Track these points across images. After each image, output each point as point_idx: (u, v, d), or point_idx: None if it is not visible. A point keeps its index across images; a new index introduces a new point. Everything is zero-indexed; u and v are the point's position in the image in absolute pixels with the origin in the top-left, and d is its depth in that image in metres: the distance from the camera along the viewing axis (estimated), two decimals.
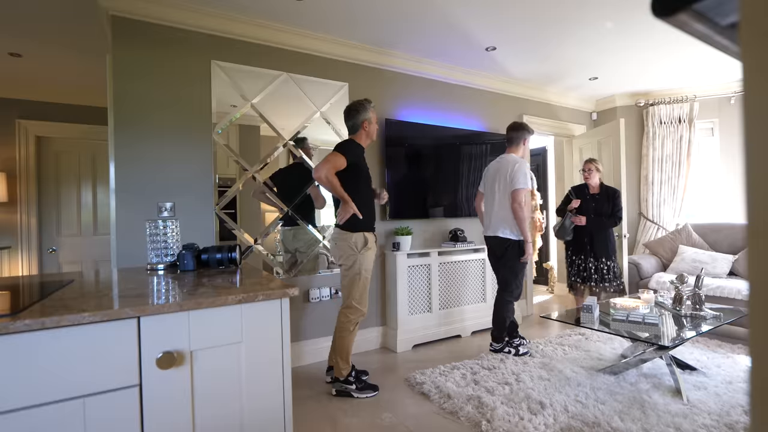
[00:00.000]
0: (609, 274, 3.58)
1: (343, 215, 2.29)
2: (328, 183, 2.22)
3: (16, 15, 2.48)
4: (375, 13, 2.70)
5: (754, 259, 0.24)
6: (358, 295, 2.37)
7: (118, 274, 1.52)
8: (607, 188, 3.70)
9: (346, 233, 2.33)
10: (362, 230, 2.35)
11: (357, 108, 2.42)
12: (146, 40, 2.50)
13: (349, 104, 2.47)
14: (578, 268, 3.74)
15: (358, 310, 2.38)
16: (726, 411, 2.11)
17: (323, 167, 2.20)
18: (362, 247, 2.34)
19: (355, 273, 2.35)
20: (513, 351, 2.97)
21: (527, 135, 3.06)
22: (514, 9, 2.70)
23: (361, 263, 2.34)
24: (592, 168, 3.68)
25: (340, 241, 2.36)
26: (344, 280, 2.40)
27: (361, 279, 2.36)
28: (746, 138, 0.24)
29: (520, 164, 2.89)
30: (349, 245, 2.33)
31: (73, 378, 0.89)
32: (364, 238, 2.36)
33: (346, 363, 2.39)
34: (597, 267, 3.63)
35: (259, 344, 1.12)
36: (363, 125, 2.42)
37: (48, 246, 4.02)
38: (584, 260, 3.70)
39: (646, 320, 2.46)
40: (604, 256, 3.60)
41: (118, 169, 2.42)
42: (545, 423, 2.01)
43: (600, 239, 3.60)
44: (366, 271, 2.37)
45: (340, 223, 2.36)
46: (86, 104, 4.10)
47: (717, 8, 0.26)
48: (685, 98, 4.42)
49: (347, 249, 2.33)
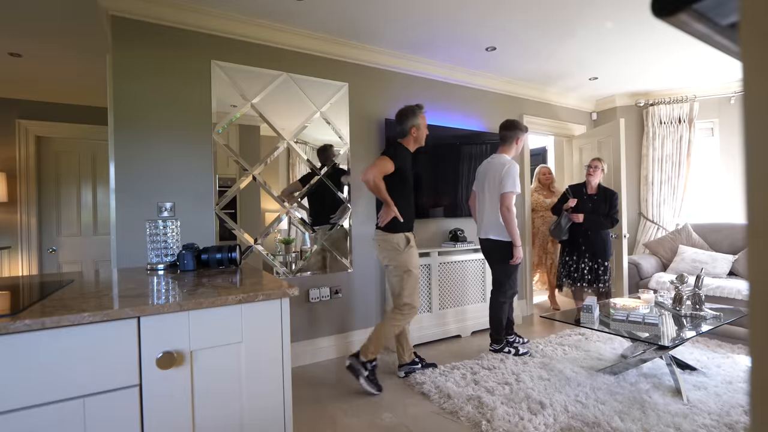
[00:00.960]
0: (606, 275, 3.59)
1: (385, 218, 2.39)
2: (374, 187, 2.32)
3: (16, 15, 2.48)
4: (375, 13, 2.70)
5: (754, 259, 0.24)
6: (409, 292, 2.44)
7: (118, 274, 1.52)
8: (605, 189, 3.71)
9: (388, 234, 2.42)
10: (403, 231, 2.44)
11: (406, 113, 2.48)
12: (146, 40, 2.50)
13: (400, 109, 2.52)
14: (569, 269, 3.75)
15: (411, 307, 2.45)
16: (726, 411, 2.11)
17: (371, 171, 2.31)
18: (405, 246, 2.43)
19: (403, 271, 2.43)
20: (513, 351, 2.98)
21: (520, 134, 3.01)
22: (514, 9, 2.70)
23: (407, 261, 2.42)
24: (598, 166, 3.69)
25: (383, 242, 2.44)
26: (393, 279, 2.46)
27: (411, 276, 2.43)
28: (746, 138, 0.24)
29: (509, 167, 2.85)
30: (392, 246, 2.41)
31: (73, 378, 0.89)
32: (406, 237, 2.45)
33: (375, 349, 2.44)
34: (591, 267, 3.63)
35: (259, 344, 1.12)
36: (411, 131, 2.48)
37: (48, 246, 4.02)
38: (577, 261, 3.71)
39: (646, 320, 2.46)
40: (601, 257, 3.60)
41: (118, 169, 2.42)
42: (545, 423, 2.01)
43: (597, 239, 3.61)
44: (414, 267, 2.46)
45: (382, 225, 2.43)
46: (86, 104, 4.10)
47: (717, 8, 0.26)
48: (685, 98, 4.42)
49: (392, 249, 2.41)
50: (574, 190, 3.77)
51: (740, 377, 2.52)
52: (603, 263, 3.60)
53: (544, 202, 4.46)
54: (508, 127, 3.00)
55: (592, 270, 3.63)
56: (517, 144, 3.01)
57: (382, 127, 3.33)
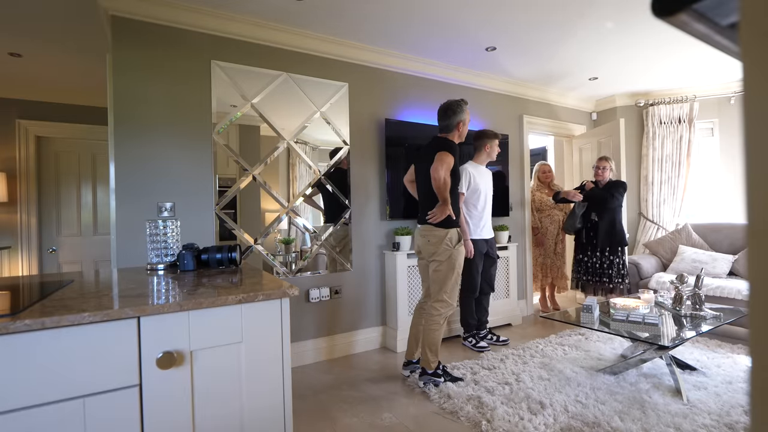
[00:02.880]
0: (611, 270, 3.60)
1: (439, 216, 2.38)
2: (443, 185, 2.31)
3: (16, 15, 2.48)
4: (375, 13, 2.70)
5: (754, 259, 0.24)
6: (450, 288, 2.44)
7: (118, 274, 1.52)
8: (614, 182, 3.74)
9: (440, 230, 2.41)
10: (455, 227, 2.45)
11: (454, 109, 2.48)
12: (146, 40, 2.50)
13: (445, 104, 2.51)
14: (585, 265, 3.77)
15: (449, 304, 2.46)
16: (726, 411, 2.11)
17: (442, 169, 2.30)
18: (456, 242, 2.43)
19: (449, 268, 2.42)
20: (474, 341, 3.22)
21: (488, 141, 3.16)
22: (515, 9, 2.70)
23: (455, 258, 2.42)
24: (606, 166, 3.71)
25: (433, 238, 2.43)
26: (436, 275, 2.45)
27: (454, 273, 2.44)
28: (746, 138, 0.24)
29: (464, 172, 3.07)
30: (444, 241, 2.41)
31: (73, 378, 0.89)
32: (458, 234, 2.46)
33: (435, 356, 2.47)
34: (601, 262, 3.65)
35: (259, 344, 1.12)
36: (458, 126, 2.50)
37: (48, 246, 4.02)
38: (590, 257, 3.74)
39: (646, 320, 2.46)
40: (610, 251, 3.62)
41: (118, 169, 2.42)
42: (545, 423, 2.01)
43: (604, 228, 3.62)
44: (459, 266, 2.47)
45: (434, 222, 2.41)
46: (86, 104, 4.10)
47: (717, 8, 0.26)
48: (685, 98, 4.42)
49: (443, 245, 2.41)
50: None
51: (740, 377, 2.52)
52: (610, 257, 3.62)
53: (549, 200, 4.37)
54: (476, 138, 3.19)
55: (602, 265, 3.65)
56: (487, 150, 3.16)
57: (382, 127, 3.33)
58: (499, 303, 3.78)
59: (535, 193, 4.47)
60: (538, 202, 4.43)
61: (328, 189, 3.10)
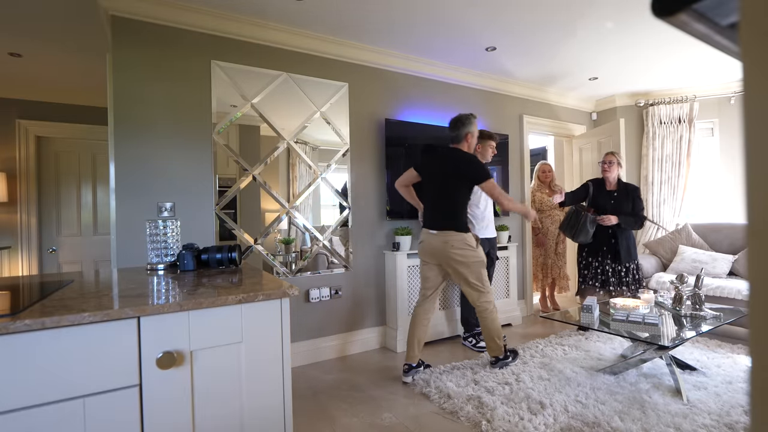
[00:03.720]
0: (627, 277, 3.40)
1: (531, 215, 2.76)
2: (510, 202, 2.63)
3: (16, 15, 2.48)
4: (375, 13, 2.70)
5: (754, 259, 0.24)
6: (485, 280, 2.63)
7: (118, 274, 1.52)
8: (626, 185, 3.49)
9: (462, 234, 2.57)
10: (470, 231, 2.65)
11: (463, 121, 2.64)
12: (146, 40, 2.50)
13: (456, 116, 2.68)
14: (595, 271, 3.50)
15: (490, 292, 2.65)
16: (726, 411, 2.11)
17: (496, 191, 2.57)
18: (476, 243, 2.65)
19: (481, 264, 2.61)
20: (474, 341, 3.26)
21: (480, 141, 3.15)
22: (520, 9, 2.70)
23: (481, 254, 2.62)
24: (613, 161, 3.46)
25: (457, 242, 2.57)
26: (471, 276, 2.59)
27: (484, 267, 2.65)
28: (746, 138, 0.24)
29: None
30: (468, 244, 2.58)
31: (73, 378, 0.89)
32: (474, 236, 2.67)
33: (499, 343, 2.66)
34: (614, 269, 3.42)
35: (259, 344, 1.12)
36: (466, 137, 2.64)
37: (48, 246, 4.02)
38: (601, 263, 3.47)
39: (646, 320, 2.46)
40: (627, 260, 3.40)
41: (118, 169, 2.42)
42: (545, 423, 2.01)
43: (623, 241, 3.39)
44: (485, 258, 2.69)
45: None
46: (86, 104, 4.10)
47: (717, 8, 0.26)
48: (685, 98, 4.42)
49: (467, 247, 2.57)
50: (594, 185, 3.58)
51: (740, 377, 2.52)
52: (626, 264, 3.39)
53: (549, 200, 4.27)
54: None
55: (615, 272, 3.41)
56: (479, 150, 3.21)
57: (382, 127, 3.33)
58: (499, 303, 3.77)
59: (536, 193, 4.46)
60: (538, 203, 4.41)
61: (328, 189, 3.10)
